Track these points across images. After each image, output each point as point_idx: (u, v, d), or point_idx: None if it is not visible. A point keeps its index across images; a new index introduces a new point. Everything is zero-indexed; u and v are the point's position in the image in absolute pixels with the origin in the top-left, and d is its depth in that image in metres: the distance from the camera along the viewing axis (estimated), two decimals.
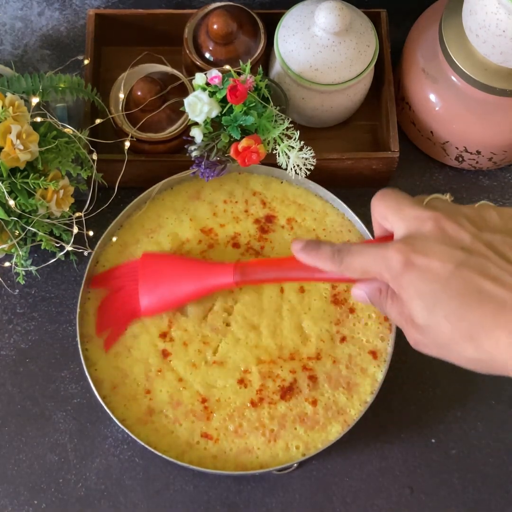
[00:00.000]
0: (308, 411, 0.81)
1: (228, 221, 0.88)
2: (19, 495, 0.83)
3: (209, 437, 0.80)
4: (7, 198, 0.76)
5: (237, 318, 0.84)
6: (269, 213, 0.88)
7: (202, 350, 0.83)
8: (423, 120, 0.92)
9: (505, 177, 0.96)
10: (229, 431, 0.80)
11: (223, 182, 0.89)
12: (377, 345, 0.83)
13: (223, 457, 0.80)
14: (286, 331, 0.83)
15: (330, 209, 0.88)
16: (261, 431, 0.80)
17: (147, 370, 0.82)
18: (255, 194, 0.89)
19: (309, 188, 0.89)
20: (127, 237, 0.87)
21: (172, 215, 0.88)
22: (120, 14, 0.96)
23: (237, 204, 0.88)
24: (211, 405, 0.81)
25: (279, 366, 0.82)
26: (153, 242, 0.87)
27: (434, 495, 0.83)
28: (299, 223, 0.88)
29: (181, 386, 0.81)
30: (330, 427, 0.80)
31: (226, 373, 0.82)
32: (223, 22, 0.87)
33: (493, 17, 0.77)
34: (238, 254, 0.86)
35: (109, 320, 0.82)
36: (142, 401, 0.81)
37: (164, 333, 0.83)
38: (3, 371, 0.87)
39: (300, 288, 0.85)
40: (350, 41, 0.86)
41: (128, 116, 0.88)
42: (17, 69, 0.98)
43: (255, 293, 0.84)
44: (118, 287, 0.83)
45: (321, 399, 0.81)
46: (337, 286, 0.85)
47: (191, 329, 0.83)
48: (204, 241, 0.87)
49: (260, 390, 0.81)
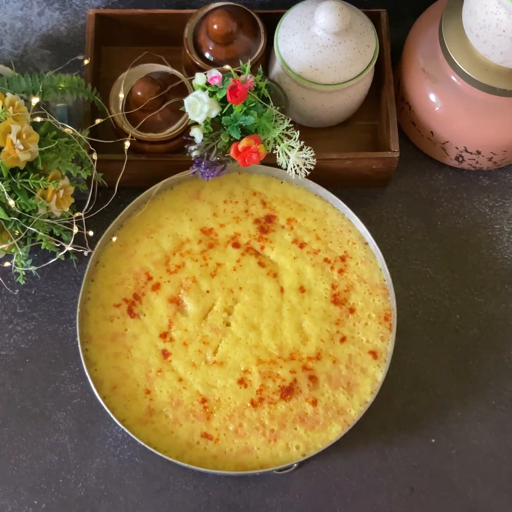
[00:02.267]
0: (308, 411, 0.81)
1: (228, 221, 0.88)
2: (19, 495, 0.83)
3: (209, 437, 0.80)
4: (7, 198, 0.76)
5: (237, 318, 0.84)
6: (269, 213, 0.88)
7: (202, 350, 0.83)
8: (423, 120, 0.92)
9: (505, 177, 0.96)
10: (229, 431, 0.80)
11: (223, 182, 0.89)
12: (377, 345, 0.83)
13: (223, 457, 0.79)
14: (286, 331, 0.83)
15: (330, 209, 0.88)
16: (261, 431, 0.80)
17: (147, 370, 0.82)
18: (255, 194, 0.89)
19: (309, 188, 0.89)
20: (127, 237, 0.87)
21: (172, 215, 0.88)
22: (120, 14, 0.96)
23: (237, 204, 0.88)
24: (211, 405, 0.81)
25: (279, 366, 0.82)
26: (153, 242, 0.87)
27: (434, 495, 0.83)
28: (299, 223, 0.88)
29: (181, 386, 0.81)
30: (330, 427, 0.80)
31: (226, 373, 0.82)
32: (223, 22, 0.87)
33: (493, 17, 0.77)
34: (238, 254, 0.86)
35: None
36: (142, 401, 0.81)
37: (164, 333, 0.83)
38: (3, 371, 0.87)
39: (300, 288, 0.85)
40: (350, 41, 0.85)
41: (128, 116, 0.88)
42: (17, 69, 0.98)
43: (255, 293, 0.84)
44: None
45: (321, 399, 0.81)
46: (337, 286, 0.85)
47: (191, 329, 0.83)
48: (204, 241, 0.87)
49: (260, 390, 0.81)
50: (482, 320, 0.90)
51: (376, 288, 0.85)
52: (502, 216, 0.94)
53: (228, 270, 0.85)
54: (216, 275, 0.85)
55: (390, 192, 0.95)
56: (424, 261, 0.92)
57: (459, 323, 0.90)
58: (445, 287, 0.91)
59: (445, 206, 0.95)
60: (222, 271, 0.85)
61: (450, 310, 0.90)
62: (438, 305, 0.90)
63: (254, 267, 0.86)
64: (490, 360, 0.88)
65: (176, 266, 0.86)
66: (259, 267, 0.86)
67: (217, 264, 0.86)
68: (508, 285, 0.91)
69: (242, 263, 0.86)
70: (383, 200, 0.95)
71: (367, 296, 0.85)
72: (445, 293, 0.91)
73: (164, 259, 0.86)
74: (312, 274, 0.85)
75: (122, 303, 0.85)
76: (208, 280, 0.85)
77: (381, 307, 0.84)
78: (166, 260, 0.86)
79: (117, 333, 0.84)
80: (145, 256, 0.86)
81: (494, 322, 0.90)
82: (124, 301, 0.85)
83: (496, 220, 0.94)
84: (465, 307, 0.90)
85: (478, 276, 0.92)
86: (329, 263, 0.86)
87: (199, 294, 0.85)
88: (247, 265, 0.86)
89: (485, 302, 0.91)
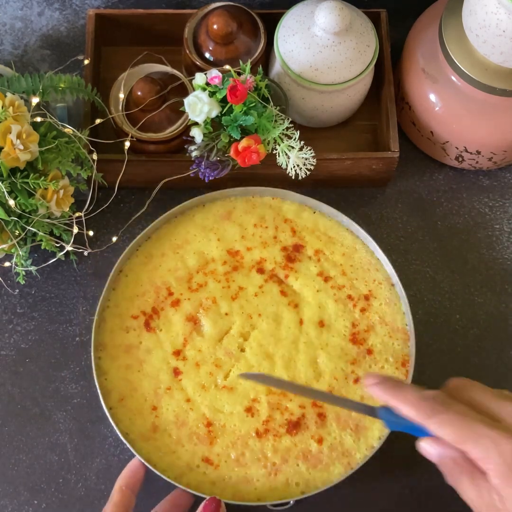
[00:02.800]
0: (312, 449, 0.79)
1: (256, 246, 0.86)
2: (19, 495, 0.83)
3: (210, 462, 0.79)
4: (7, 198, 0.76)
5: (252, 344, 0.83)
6: (297, 242, 0.87)
7: (214, 373, 0.82)
8: (423, 120, 0.92)
9: (505, 177, 0.96)
10: (230, 459, 0.79)
11: (256, 206, 0.88)
12: None
13: (221, 484, 0.78)
14: (300, 364, 0.82)
15: (360, 245, 0.87)
16: (263, 463, 0.79)
17: (157, 386, 0.81)
18: (286, 221, 0.88)
19: (341, 221, 0.88)
20: (153, 250, 0.86)
21: (200, 233, 0.87)
22: (120, 14, 0.96)
23: (267, 229, 0.87)
24: (215, 430, 0.80)
25: (288, 399, 0.80)
26: (178, 258, 0.86)
27: (434, 495, 0.83)
28: (327, 256, 0.86)
29: (188, 407, 0.80)
30: (333, 468, 0.79)
31: (234, 399, 0.81)
32: (223, 22, 0.87)
33: (493, 17, 0.77)
34: (262, 280, 0.85)
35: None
36: (148, 417, 0.80)
37: (178, 351, 0.82)
38: (3, 371, 0.87)
39: (320, 322, 0.83)
40: (350, 41, 0.85)
41: (128, 116, 0.88)
42: (17, 69, 0.98)
43: (274, 321, 0.83)
44: None
45: (328, 438, 0.79)
46: (358, 325, 0.83)
47: (205, 350, 0.82)
48: (229, 262, 0.86)
49: (267, 421, 0.80)
50: (482, 320, 0.90)
51: (397, 332, 0.83)
52: (502, 216, 0.94)
53: (250, 295, 0.84)
54: (237, 298, 0.84)
55: (390, 192, 0.95)
56: (424, 261, 0.92)
57: (459, 323, 0.90)
58: (445, 287, 0.91)
59: (445, 206, 0.95)
60: (243, 295, 0.84)
61: (450, 310, 0.90)
62: (438, 305, 0.90)
63: (276, 295, 0.84)
64: (490, 360, 0.88)
65: (198, 284, 0.85)
66: (281, 295, 0.84)
67: (239, 287, 0.85)
68: (508, 285, 0.91)
69: (265, 290, 0.85)
70: (383, 200, 0.95)
71: (387, 339, 0.83)
72: (445, 293, 0.91)
73: (187, 276, 0.85)
74: (334, 309, 0.84)
75: (140, 315, 0.84)
76: (228, 303, 0.84)
77: (400, 352, 0.83)
78: (189, 278, 0.85)
79: (131, 345, 0.83)
80: (169, 271, 0.85)
81: (494, 322, 0.90)
82: (142, 313, 0.84)
83: (496, 220, 0.94)
84: (465, 307, 0.90)
85: (478, 276, 0.92)
86: (352, 300, 0.85)
87: (217, 315, 0.83)
88: (269, 292, 0.85)
89: (485, 302, 0.91)
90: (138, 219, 0.89)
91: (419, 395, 0.61)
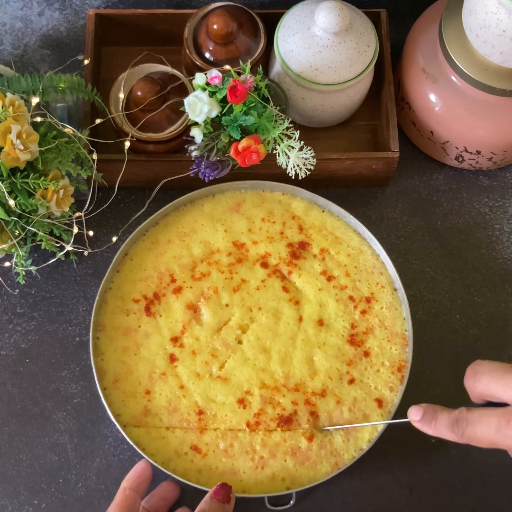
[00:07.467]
0: (302, 446, 0.79)
1: (262, 240, 0.87)
2: (19, 495, 0.83)
3: (198, 450, 0.79)
4: (7, 198, 0.76)
5: (250, 337, 0.83)
6: (304, 239, 0.87)
7: (209, 362, 0.82)
8: (423, 120, 0.92)
9: (505, 177, 0.96)
10: (219, 449, 0.79)
11: (265, 200, 0.89)
12: (384, 394, 0.81)
13: (207, 473, 0.79)
14: (296, 361, 0.82)
15: (366, 247, 0.87)
16: (251, 456, 0.79)
17: (152, 370, 0.82)
18: (294, 218, 0.88)
19: (349, 222, 0.88)
20: (159, 236, 0.87)
21: (208, 223, 0.88)
22: (120, 14, 0.96)
23: (274, 224, 0.88)
24: (206, 419, 0.80)
25: (282, 394, 0.81)
26: (184, 246, 0.87)
27: (434, 495, 0.83)
28: (332, 255, 0.87)
29: (181, 394, 0.81)
30: (320, 466, 0.79)
31: (228, 390, 0.81)
32: (223, 22, 0.87)
33: (493, 17, 0.77)
34: (265, 274, 0.85)
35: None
36: (141, 400, 0.81)
37: (175, 338, 0.83)
38: (3, 371, 0.87)
39: (319, 320, 0.84)
40: (350, 41, 0.85)
41: (128, 116, 0.88)
42: (17, 69, 0.98)
43: (273, 316, 0.84)
44: None
45: (318, 435, 0.80)
46: (357, 327, 0.84)
47: (203, 339, 0.83)
48: (233, 254, 0.86)
49: (258, 414, 0.80)
50: (482, 320, 0.90)
51: (395, 337, 0.83)
52: (502, 216, 0.94)
53: (252, 288, 0.85)
54: (238, 290, 0.85)
55: (390, 192, 0.95)
56: (424, 261, 0.92)
57: (459, 323, 0.90)
58: (445, 287, 0.91)
59: (445, 206, 0.95)
60: (245, 287, 0.85)
61: (450, 310, 0.90)
62: (438, 305, 0.90)
63: (278, 291, 0.85)
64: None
65: (201, 273, 0.85)
66: (283, 291, 0.85)
67: (242, 280, 0.85)
68: (508, 285, 0.91)
69: (267, 284, 0.85)
70: (383, 200, 0.95)
71: (385, 343, 0.83)
72: (445, 293, 0.91)
73: (191, 265, 0.86)
74: (334, 309, 0.84)
75: (141, 299, 0.84)
76: (230, 294, 0.84)
77: (397, 357, 0.83)
78: (192, 266, 0.86)
79: (130, 328, 0.84)
80: (174, 257, 0.86)
81: (494, 322, 0.90)
82: (144, 298, 0.85)
83: (496, 220, 0.94)
84: (465, 307, 0.90)
85: (478, 276, 0.92)
86: (353, 301, 0.85)
87: (218, 306, 0.84)
88: (271, 287, 0.85)
89: (485, 302, 0.91)
90: (138, 219, 0.89)
91: (449, 417, 0.65)
